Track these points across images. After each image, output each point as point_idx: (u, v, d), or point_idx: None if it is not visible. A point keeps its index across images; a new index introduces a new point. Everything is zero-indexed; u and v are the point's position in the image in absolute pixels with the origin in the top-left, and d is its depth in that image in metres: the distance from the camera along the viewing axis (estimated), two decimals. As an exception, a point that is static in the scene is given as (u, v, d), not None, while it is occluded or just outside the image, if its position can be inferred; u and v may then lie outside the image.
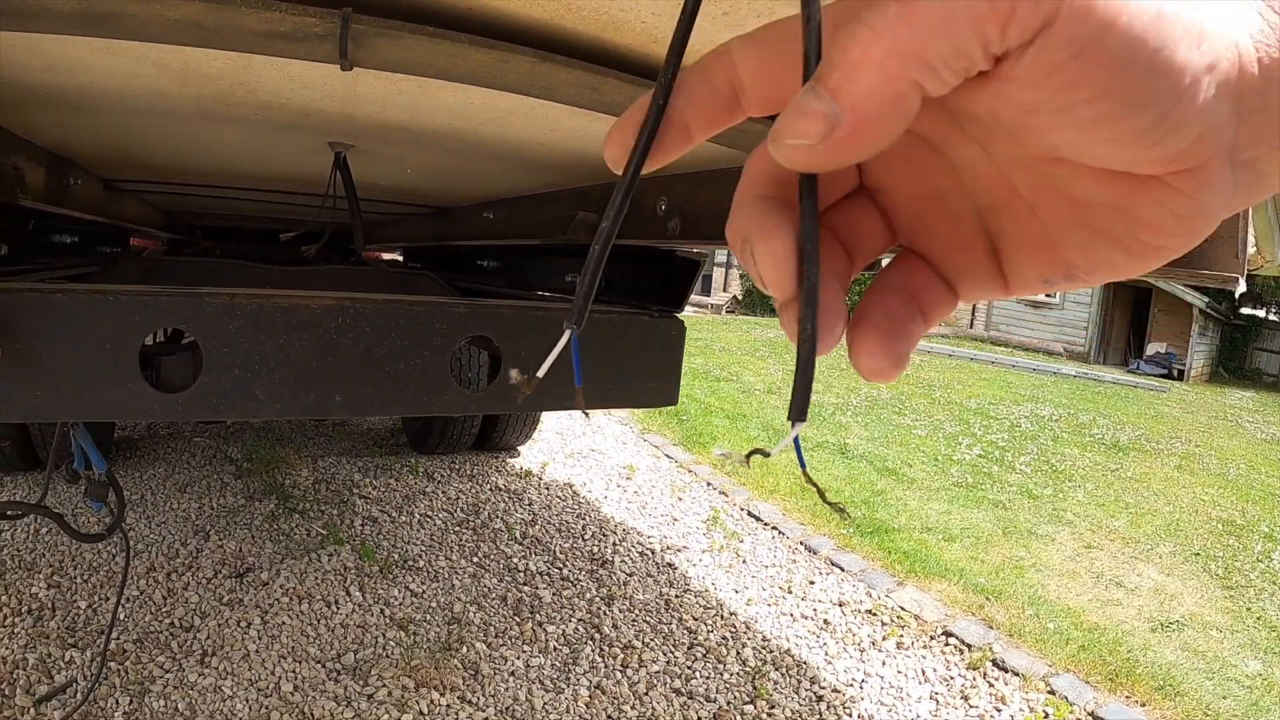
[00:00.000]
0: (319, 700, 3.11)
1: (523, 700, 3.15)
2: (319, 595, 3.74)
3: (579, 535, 4.53)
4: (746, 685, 3.33)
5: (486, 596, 3.79)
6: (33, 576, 3.89)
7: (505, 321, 1.90)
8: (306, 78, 1.43)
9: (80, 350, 1.76)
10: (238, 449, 5.68)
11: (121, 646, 3.35)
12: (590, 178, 2.41)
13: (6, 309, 1.76)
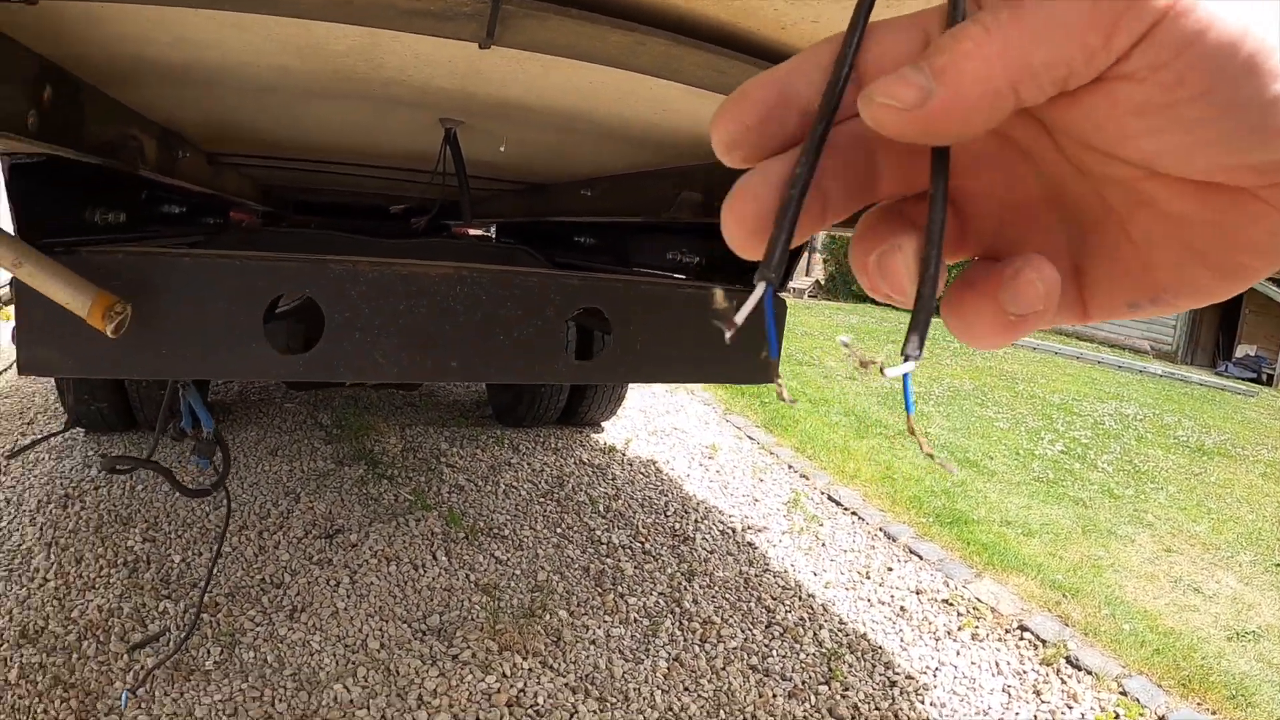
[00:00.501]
0: (405, 659, 3.20)
1: (603, 668, 3.21)
2: (406, 558, 3.85)
3: (661, 511, 4.59)
4: (822, 666, 3.36)
5: (569, 566, 3.87)
6: (129, 530, 4.04)
7: (616, 295, 1.95)
8: (432, 55, 1.47)
9: (206, 312, 1.83)
10: (328, 416, 5.82)
11: (214, 599, 3.48)
12: (693, 157, 2.44)
13: (138, 271, 1.84)
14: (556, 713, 2.98)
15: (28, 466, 4.95)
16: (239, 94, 2.03)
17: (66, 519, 4.19)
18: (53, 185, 2.10)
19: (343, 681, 3.10)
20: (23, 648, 3.26)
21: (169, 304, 1.86)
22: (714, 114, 0.39)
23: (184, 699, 3.02)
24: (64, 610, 3.47)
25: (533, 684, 3.10)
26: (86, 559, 3.81)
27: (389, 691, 3.06)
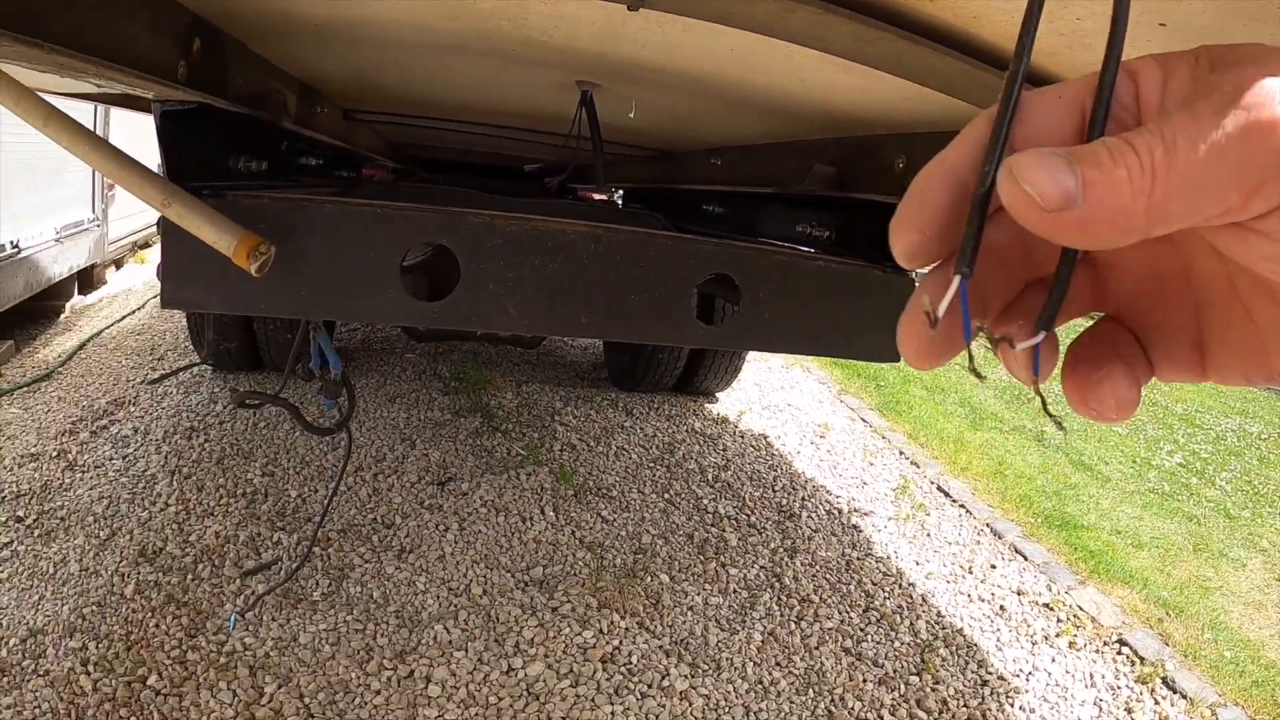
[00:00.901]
0: (506, 606, 3.27)
1: (698, 635, 3.24)
2: (515, 510, 3.93)
3: (769, 485, 4.59)
4: (915, 657, 3.33)
5: (674, 532, 3.90)
6: (249, 464, 4.19)
7: (749, 262, 1.95)
8: (576, 15, 1.47)
9: (346, 256, 1.88)
10: (446, 368, 5.94)
11: (326, 535, 3.59)
12: (827, 130, 2.41)
13: (282, 215, 1.90)
14: (649, 673, 3.02)
15: (156, 399, 5.16)
16: (379, 51, 2.07)
17: (190, 449, 4.36)
18: (200, 133, 2.18)
19: (444, 623, 3.18)
20: (140, 566, 3.41)
21: (311, 247, 1.92)
22: (892, 221, 0.40)
23: (290, 625, 3.13)
24: (182, 534, 3.62)
25: (628, 643, 3.14)
26: (207, 488, 3.97)
27: (487, 636, 3.13)
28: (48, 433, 4.75)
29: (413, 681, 2.95)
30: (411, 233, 1.82)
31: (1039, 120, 0.38)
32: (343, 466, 3.22)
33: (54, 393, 5.52)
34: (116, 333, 7.04)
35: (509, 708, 2.86)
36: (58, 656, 2.99)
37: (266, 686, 2.89)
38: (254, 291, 2.02)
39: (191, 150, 2.15)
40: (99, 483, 4.09)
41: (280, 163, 2.73)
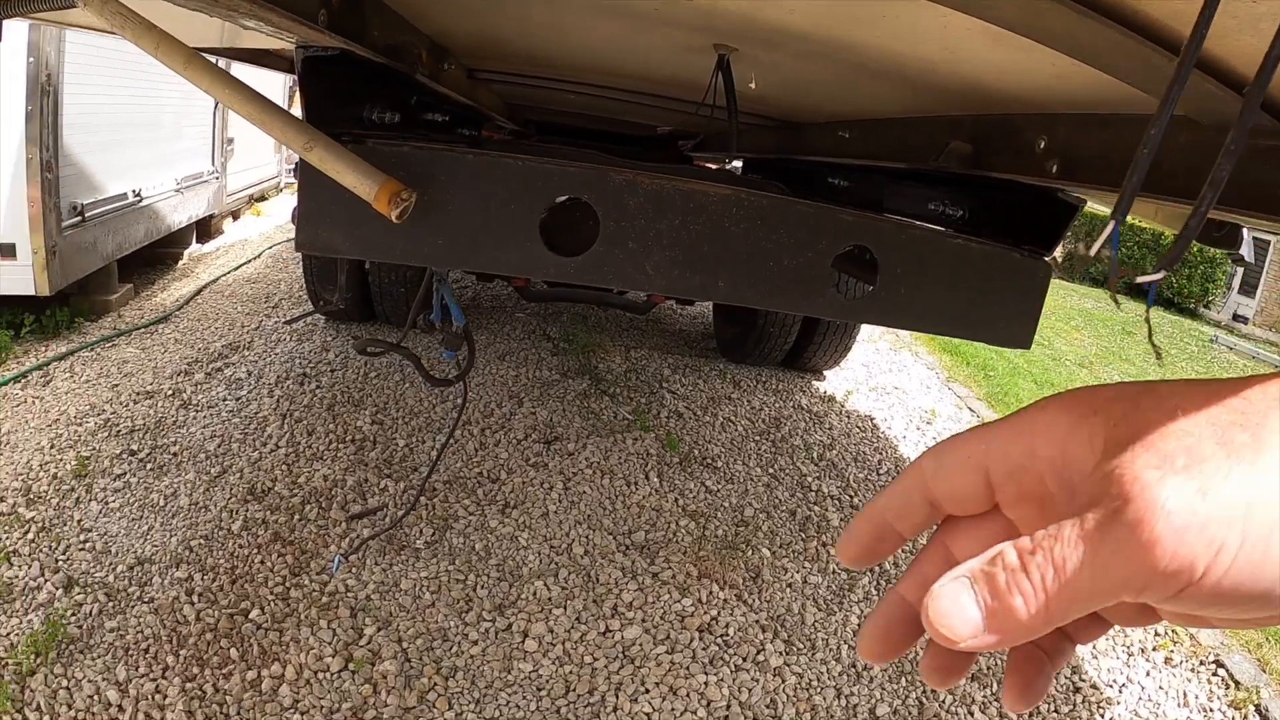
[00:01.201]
0: (606, 568, 3.29)
1: (795, 613, 3.22)
2: (620, 474, 3.94)
3: (874, 468, 4.53)
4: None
5: (777, 507, 3.87)
6: (359, 412, 4.26)
7: (889, 236, 1.92)
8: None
9: (486, 207, 1.89)
10: (556, 329, 5.97)
11: (432, 485, 3.63)
12: (965, 106, 2.35)
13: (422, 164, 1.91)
14: (744, 646, 3.01)
15: (270, 345, 5.27)
16: (515, 6, 2.07)
17: (302, 395, 4.45)
18: (339, 81, 2.21)
19: (544, 579, 3.20)
20: (249, 503, 3.49)
21: (451, 197, 1.93)
22: (839, 543, 0.52)
23: (392, 571, 3.18)
24: (291, 475, 3.70)
25: (725, 614, 3.13)
26: (317, 432, 4.04)
27: (586, 596, 3.15)
28: (163, 372, 4.89)
29: (510, 635, 2.97)
30: (554, 186, 1.83)
31: (956, 480, 0.45)
32: (456, 419, 3.26)
33: (170, 335, 5.68)
34: (232, 280, 7.21)
35: (604, 669, 2.87)
36: (163, 585, 3.07)
37: (366, 629, 2.94)
38: (391, 238, 2.04)
39: (331, 98, 2.18)
40: (212, 422, 4.19)
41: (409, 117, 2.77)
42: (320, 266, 5.18)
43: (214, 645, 2.84)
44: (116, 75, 5.91)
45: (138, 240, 6.52)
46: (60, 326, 5.63)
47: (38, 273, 5.02)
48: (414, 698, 2.71)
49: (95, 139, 5.61)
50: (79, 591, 3.05)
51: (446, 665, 2.83)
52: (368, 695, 2.70)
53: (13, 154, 4.82)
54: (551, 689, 2.79)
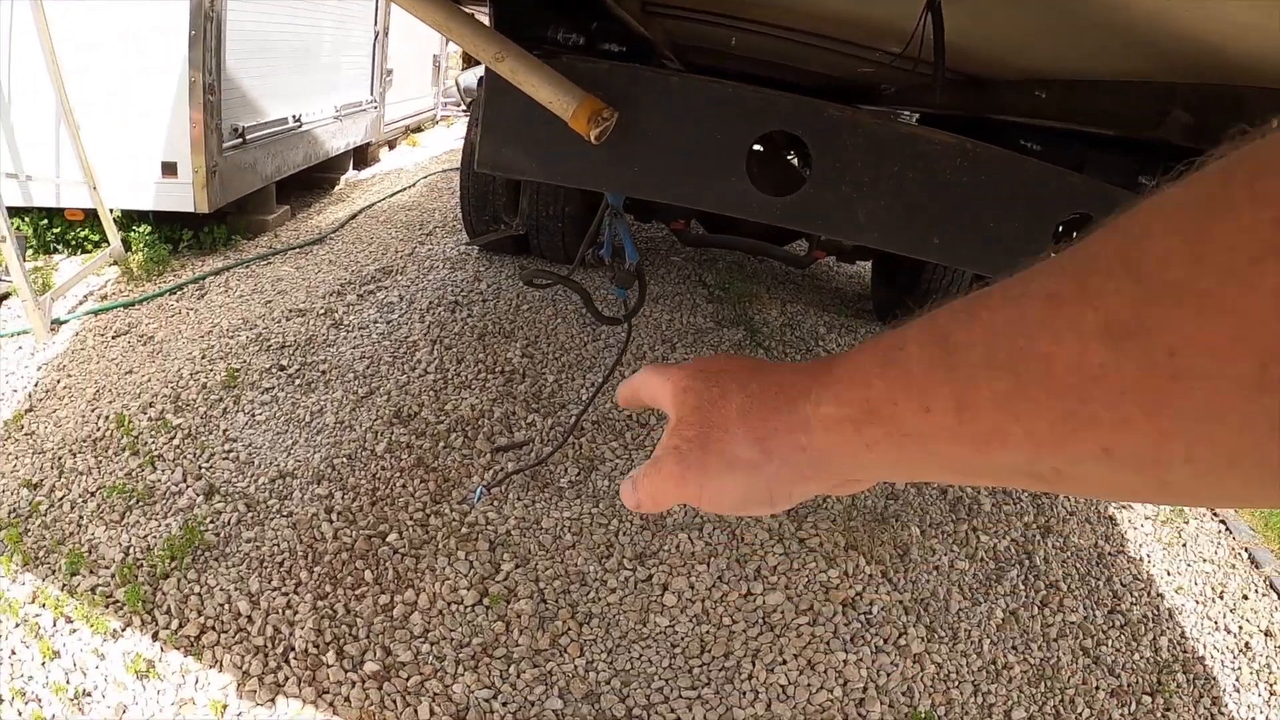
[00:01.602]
0: (752, 528, 3.19)
1: (940, 598, 3.08)
2: (770, 433, 3.81)
3: (1030, 456, 4.30)
4: (1152, 675, 3.05)
5: (928, 484, 3.72)
6: (510, 343, 4.22)
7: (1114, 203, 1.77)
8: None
9: (691, 136, 1.79)
10: (712, 276, 5.86)
11: (581, 425, 3.58)
12: (1188, 73, 2.17)
13: (622, 83, 1.81)
14: (886, 628, 2.89)
15: (423, 270, 5.29)
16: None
17: (453, 322, 4.44)
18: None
19: (688, 532, 3.12)
20: (394, 426, 3.48)
21: (652, 122, 1.84)
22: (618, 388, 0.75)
23: (534, 508, 3.14)
24: (439, 402, 3.68)
25: (870, 591, 3.01)
26: (467, 360, 4.03)
27: (730, 555, 3.06)
28: (316, 292, 4.94)
29: (649, 586, 2.90)
30: (763, 117, 1.72)
31: (643, 394, 0.68)
32: (618, 357, 3.17)
33: (325, 256, 5.76)
34: (387, 207, 7.29)
35: (742, 632, 2.78)
36: (303, 501, 3.08)
37: (504, 564, 2.90)
38: (581, 162, 1.96)
39: (518, 9, 2.10)
40: (362, 343, 4.21)
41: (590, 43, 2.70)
42: (478, 194, 5.16)
43: (349, 565, 2.83)
44: (279, 5, 6.05)
45: (296, 164, 6.66)
46: (217, 243, 5.77)
47: (197, 191, 5.18)
48: (546, 640, 2.66)
49: (257, 65, 5.75)
50: (219, 500, 3.09)
51: (582, 610, 2.78)
52: (500, 633, 2.67)
53: (175, 77, 4.97)
54: (686, 647, 2.71)
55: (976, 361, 0.39)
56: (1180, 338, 0.31)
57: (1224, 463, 0.33)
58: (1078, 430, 0.35)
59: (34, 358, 4.09)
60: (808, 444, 0.50)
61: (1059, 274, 0.37)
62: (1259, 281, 0.29)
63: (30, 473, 3.19)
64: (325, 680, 2.44)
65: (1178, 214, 0.33)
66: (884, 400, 0.43)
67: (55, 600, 2.59)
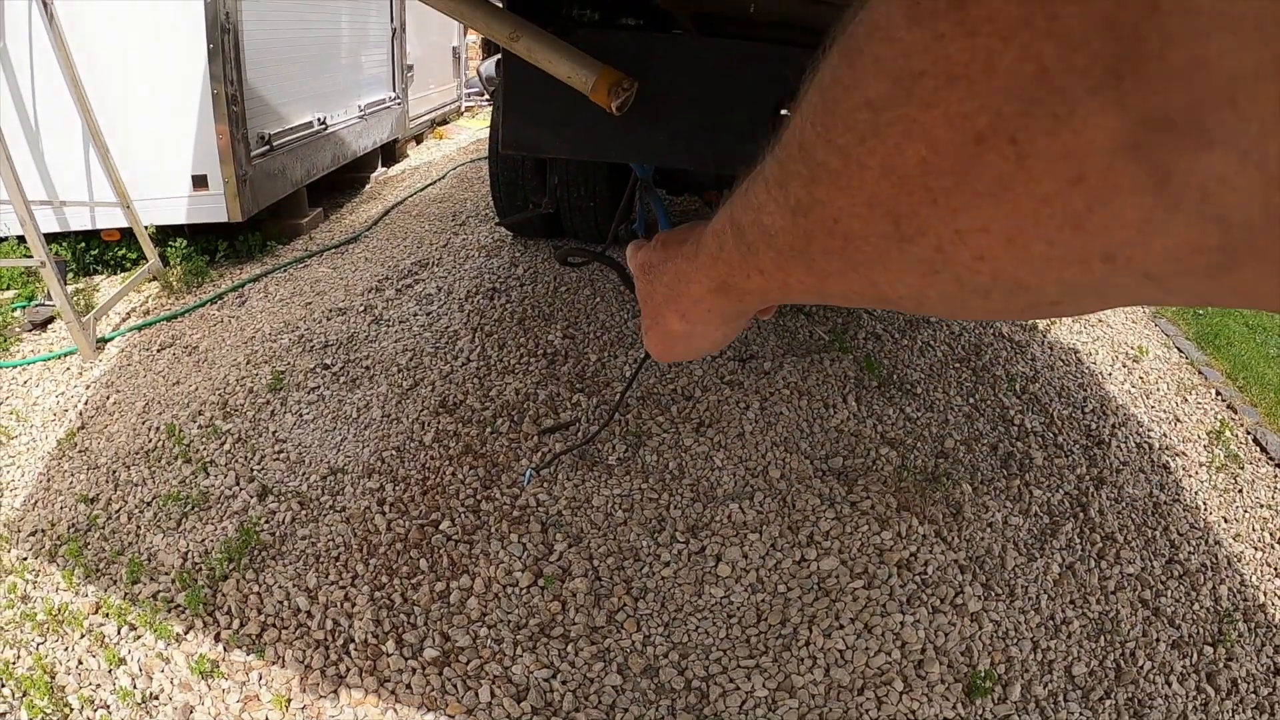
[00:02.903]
0: (803, 494, 3.18)
1: (995, 555, 3.05)
2: (818, 395, 3.80)
3: (1079, 405, 4.24)
4: (1212, 625, 3.00)
5: (978, 440, 3.67)
6: (550, 326, 4.23)
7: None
8: None
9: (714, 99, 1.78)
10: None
11: (626, 401, 3.58)
12: None
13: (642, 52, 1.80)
14: (943, 587, 2.87)
15: (458, 261, 5.31)
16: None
17: (492, 309, 4.45)
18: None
19: (739, 502, 3.12)
20: (440, 416, 3.50)
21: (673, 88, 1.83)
22: None
23: (584, 487, 3.14)
24: (483, 389, 3.70)
25: (925, 551, 2.99)
26: (509, 346, 4.04)
27: (782, 522, 3.05)
28: (355, 289, 4.97)
29: (703, 558, 2.90)
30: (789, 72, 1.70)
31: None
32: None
33: (360, 254, 5.79)
34: (419, 201, 7.32)
35: (798, 599, 2.77)
36: (355, 495, 3.11)
37: (556, 544, 2.91)
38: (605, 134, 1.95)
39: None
40: (403, 336, 4.23)
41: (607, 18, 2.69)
42: (507, 179, 5.16)
43: (404, 555, 2.85)
44: (294, 11, 6.13)
45: (325, 165, 6.71)
46: (253, 250, 5.83)
47: (230, 200, 5.24)
48: (602, 617, 2.67)
49: (278, 72, 5.80)
50: (273, 500, 3.12)
51: (637, 586, 2.78)
52: (556, 612, 2.68)
53: (197, 90, 5.03)
54: (743, 617, 2.71)
55: (754, 237, 0.51)
56: (836, 209, 0.40)
57: (895, 290, 0.43)
58: (819, 272, 0.46)
59: (82, 377, 4.15)
60: (710, 306, 0.66)
61: (771, 158, 0.46)
62: (868, 159, 0.37)
63: (86, 488, 3.24)
64: (386, 669, 2.47)
65: (818, 98, 0.40)
66: (727, 275, 0.59)
67: (118, 609, 2.64)
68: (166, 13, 4.78)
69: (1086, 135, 0.29)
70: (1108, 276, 0.33)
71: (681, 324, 0.72)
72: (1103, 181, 0.30)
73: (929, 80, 0.33)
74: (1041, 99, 0.30)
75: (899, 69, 0.34)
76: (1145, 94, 0.28)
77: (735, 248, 0.55)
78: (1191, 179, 0.28)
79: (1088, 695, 2.63)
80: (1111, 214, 0.31)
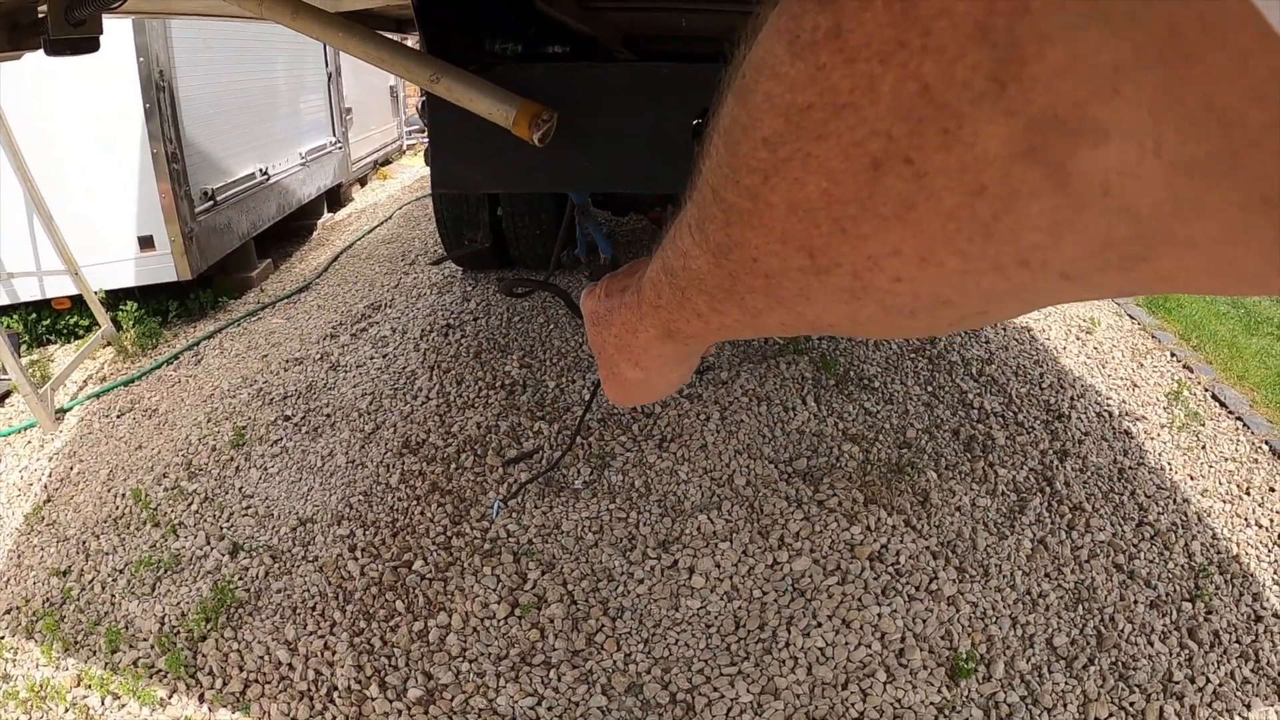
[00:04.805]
0: (770, 498, 3.20)
1: (966, 538, 3.09)
2: (777, 400, 3.83)
3: (1035, 382, 4.29)
4: (1188, 581, 3.05)
5: (939, 427, 3.71)
6: (506, 357, 4.24)
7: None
8: None
9: (635, 121, 1.80)
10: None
11: (588, 424, 3.60)
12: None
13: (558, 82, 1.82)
14: (916, 575, 2.90)
15: (410, 300, 5.31)
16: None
17: (448, 345, 4.46)
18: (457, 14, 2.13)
19: (707, 513, 3.14)
20: (404, 456, 3.51)
21: (593, 114, 1.85)
22: None
23: (552, 513, 3.16)
24: (444, 425, 3.70)
25: (895, 541, 3.02)
26: (466, 381, 4.05)
27: (752, 528, 3.07)
28: (310, 338, 4.97)
29: (676, 571, 2.92)
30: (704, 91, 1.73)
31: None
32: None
33: (313, 302, 5.79)
34: (367, 243, 7.32)
35: (773, 602, 2.79)
36: (326, 543, 3.11)
37: (530, 572, 2.92)
38: (534, 166, 1.98)
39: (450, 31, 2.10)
40: (361, 381, 4.23)
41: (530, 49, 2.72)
42: (453, 215, 5.17)
43: (380, 599, 2.86)
44: (228, 64, 6.10)
45: (270, 216, 6.70)
46: (205, 307, 5.81)
47: (178, 259, 5.24)
48: (582, 640, 2.69)
49: (217, 125, 5.80)
50: (244, 556, 3.12)
51: (614, 606, 2.80)
52: (535, 640, 2.69)
53: (136, 150, 5.03)
54: (721, 625, 2.73)
55: (685, 282, 0.51)
56: (753, 249, 0.40)
57: (823, 319, 0.43)
58: (750, 310, 0.46)
59: (44, 449, 4.12)
60: (659, 352, 0.66)
61: (690, 203, 0.46)
62: (773, 197, 0.37)
63: (57, 560, 3.22)
64: (371, 713, 2.47)
65: (720, 141, 0.40)
66: (668, 321, 0.58)
67: (100, 679, 2.63)
68: (100, 74, 4.76)
69: (979, 146, 0.29)
70: (1026, 281, 0.33)
71: (636, 371, 0.72)
72: (1003, 189, 0.30)
73: (817, 112, 0.33)
74: (929, 116, 0.30)
75: (787, 104, 0.34)
76: (1030, 96, 0.28)
77: (671, 294, 0.55)
78: (1092, 175, 0.28)
79: (1071, 664, 2.66)
80: (1018, 220, 0.31)
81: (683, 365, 0.73)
